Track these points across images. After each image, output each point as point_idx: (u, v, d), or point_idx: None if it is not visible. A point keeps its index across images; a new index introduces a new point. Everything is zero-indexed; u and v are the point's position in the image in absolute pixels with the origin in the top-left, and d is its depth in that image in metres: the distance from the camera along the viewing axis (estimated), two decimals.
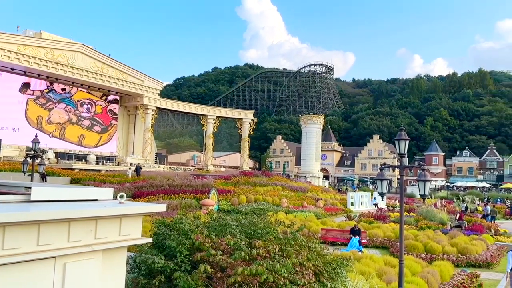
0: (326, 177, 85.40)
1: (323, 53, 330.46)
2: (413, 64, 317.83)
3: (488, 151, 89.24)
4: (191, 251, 6.50)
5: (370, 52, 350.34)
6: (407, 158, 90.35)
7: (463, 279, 12.48)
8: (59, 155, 44.07)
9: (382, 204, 40.20)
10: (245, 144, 60.63)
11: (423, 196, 8.20)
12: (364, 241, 19.05)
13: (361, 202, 40.13)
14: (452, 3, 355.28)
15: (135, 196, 30.06)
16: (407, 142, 8.66)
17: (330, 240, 19.86)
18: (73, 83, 48.67)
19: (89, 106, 51.59)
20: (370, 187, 70.89)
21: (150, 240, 4.14)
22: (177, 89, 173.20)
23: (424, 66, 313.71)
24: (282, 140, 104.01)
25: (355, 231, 18.70)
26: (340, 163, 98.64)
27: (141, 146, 53.68)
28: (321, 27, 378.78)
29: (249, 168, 64.20)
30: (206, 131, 59.36)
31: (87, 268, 3.52)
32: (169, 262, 6.20)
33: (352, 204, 38.49)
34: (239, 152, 68.15)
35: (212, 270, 6.02)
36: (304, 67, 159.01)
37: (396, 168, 8.57)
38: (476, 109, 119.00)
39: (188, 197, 30.59)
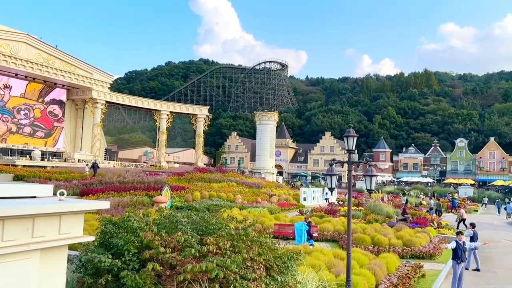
0: (280, 173, 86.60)
1: (277, 50, 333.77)
2: (362, 64, 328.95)
3: (432, 148, 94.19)
4: (139, 249, 6.34)
5: (322, 51, 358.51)
6: (357, 154, 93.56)
7: (407, 270, 13.09)
8: (1, 151, 41.49)
9: (333, 198, 41.34)
10: (200, 140, 60.04)
11: (369, 191, 8.51)
12: (315, 235, 19.48)
13: (313, 197, 41.09)
14: (397, 6, 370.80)
15: (83, 193, 28.92)
16: (355, 138, 8.94)
17: (283, 234, 20.15)
18: (16, 74, 45.91)
19: (26, 111, 48.39)
20: (322, 182, 72.69)
21: (92, 238, 3.98)
22: (128, 83, 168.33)
23: (372, 66, 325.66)
24: (237, 137, 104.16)
25: (306, 225, 19.06)
26: (294, 159, 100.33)
27: (90, 142, 51.68)
28: (275, 25, 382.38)
29: (204, 164, 63.72)
30: (159, 127, 58.16)
31: (23, 269, 3.31)
32: (117, 261, 6.01)
33: (304, 199, 39.30)
34: (194, 148, 67.47)
35: (161, 268, 5.91)
36: (259, 64, 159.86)
37: (345, 163, 8.82)
38: (422, 108, 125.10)
39: (139, 194, 29.89)
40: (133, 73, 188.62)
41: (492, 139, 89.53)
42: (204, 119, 61.17)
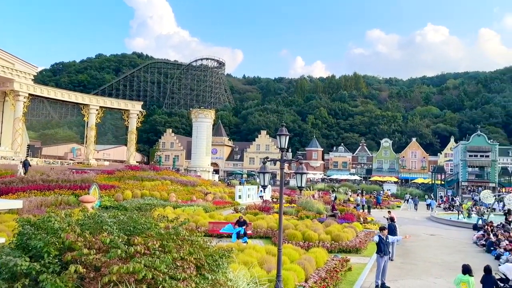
0: (216, 171, 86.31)
1: (213, 48, 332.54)
2: (295, 65, 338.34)
3: (360, 147, 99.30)
4: (61, 251, 5.96)
5: (257, 50, 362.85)
6: (291, 153, 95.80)
7: (335, 264, 13.66)
8: None
9: (268, 196, 42.01)
10: (132, 137, 57.87)
11: (300, 188, 8.74)
12: (249, 232, 19.69)
13: (248, 195, 41.46)
14: (328, 11, 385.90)
15: (2, 192, 26.67)
16: (288, 137, 9.14)
17: (217, 232, 20.11)
18: None
19: None
20: (257, 180, 73.66)
21: (2, 240, 3.64)
22: (55, 75, 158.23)
23: (305, 68, 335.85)
24: (173, 134, 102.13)
25: (240, 223, 19.22)
26: (230, 157, 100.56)
27: (11, 137, 47.72)
28: (211, 22, 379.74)
29: (137, 162, 61.59)
30: (87, 122, 55.14)
31: None
32: (35, 264, 5.60)
33: (239, 197, 39.52)
34: (126, 145, 64.95)
35: (85, 270, 5.60)
36: (196, 61, 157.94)
37: (277, 161, 8.99)
38: (351, 109, 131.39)
39: (65, 193, 28.17)
40: (60, 65, 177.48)
41: (414, 139, 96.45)
42: (138, 115, 59.05)
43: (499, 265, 16.45)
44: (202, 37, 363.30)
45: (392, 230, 17.00)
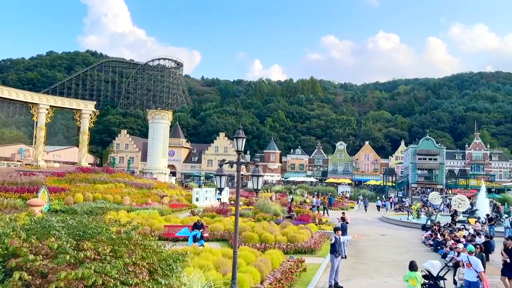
0: (173, 173, 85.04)
1: (170, 48, 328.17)
2: (253, 68, 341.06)
3: (316, 150, 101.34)
4: (5, 258, 5.65)
5: (215, 52, 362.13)
6: (249, 155, 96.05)
7: (290, 265, 13.83)
8: None
9: (225, 198, 41.95)
10: (85, 138, 55.78)
11: (256, 190, 8.80)
12: (206, 235, 19.53)
13: (206, 197, 41.19)
14: (284, 16, 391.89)
15: None
16: (244, 140, 9.18)
17: (173, 236, 19.80)
18: None
19: None
20: (215, 182, 73.23)
21: None
22: (2, 73, 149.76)
23: (263, 71, 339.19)
24: (128, 135, 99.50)
25: (198, 226, 19.04)
26: (188, 159, 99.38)
27: None
28: (168, 22, 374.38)
29: (89, 164, 59.45)
30: (37, 122, 52.61)
31: None
32: None
33: (197, 199, 39.17)
34: (77, 146, 62.55)
35: (31, 277, 5.33)
36: (152, 60, 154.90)
37: (234, 164, 9.00)
38: (308, 113, 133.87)
39: (11, 196, 26.76)
40: (7, 62, 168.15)
41: (367, 143, 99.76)
42: (90, 115, 57.02)
43: (445, 263, 17.37)
44: (159, 36, 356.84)
45: (344, 230, 18.07)
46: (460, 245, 15.70)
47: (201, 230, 18.43)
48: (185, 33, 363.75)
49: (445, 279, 11.56)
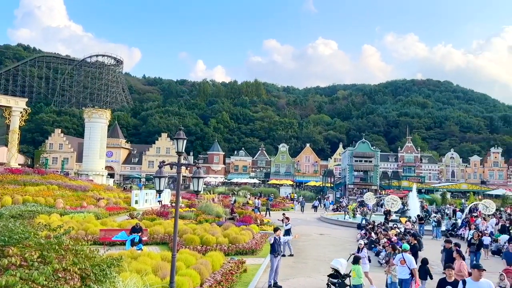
0: (111, 175, 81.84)
1: (108, 45, 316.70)
2: (197, 68, 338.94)
3: (259, 151, 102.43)
4: None
5: (157, 50, 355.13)
6: (192, 156, 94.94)
7: (231, 267, 13.85)
8: None
9: (167, 200, 41.10)
10: (14, 137, 52.03)
11: (197, 192, 8.73)
12: (145, 238, 19.03)
13: (146, 200, 40.07)
14: (227, 17, 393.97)
15: None
16: (185, 141, 9.07)
17: (109, 240, 19.08)
18: None
19: None
20: (155, 184, 71.41)
21: None
22: None
23: (206, 71, 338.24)
24: (62, 134, 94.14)
25: (136, 229, 18.48)
26: (127, 161, 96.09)
27: None
28: (107, 17, 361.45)
29: (19, 164, 55.52)
30: None
31: None
32: None
33: (136, 202, 37.99)
34: (6, 146, 58.21)
35: None
36: (90, 57, 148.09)
37: (175, 165, 8.86)
38: (252, 115, 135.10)
39: None
40: None
41: (308, 145, 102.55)
42: (21, 113, 53.31)
43: (378, 261, 18.28)
44: (96, 32, 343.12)
45: (288, 230, 19.84)
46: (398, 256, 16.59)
47: (139, 234, 17.90)
48: (124, 29, 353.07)
49: (350, 276, 11.96)
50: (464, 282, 7.10)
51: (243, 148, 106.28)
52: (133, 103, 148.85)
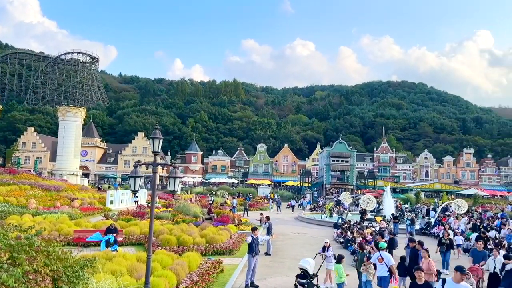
0: (86, 175, 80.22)
1: (83, 42, 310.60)
2: (174, 67, 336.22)
3: (238, 151, 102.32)
4: None
5: (133, 48, 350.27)
6: (170, 156, 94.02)
7: (208, 267, 13.78)
8: None
9: (143, 201, 40.59)
10: None
11: (173, 192, 8.65)
12: (120, 239, 18.74)
13: (122, 200, 39.48)
14: (205, 17, 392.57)
15: None
16: (161, 140, 8.98)
17: (83, 241, 18.72)
18: None
19: None
20: (130, 184, 70.33)
21: None
22: None
23: (184, 70, 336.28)
24: (35, 133, 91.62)
25: (111, 230, 18.18)
26: (103, 160, 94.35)
27: None
28: (82, 14, 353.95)
29: None
30: None
31: None
32: None
33: (111, 202, 37.39)
34: None
35: None
36: (65, 54, 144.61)
37: (150, 165, 8.76)
38: (230, 114, 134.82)
39: None
40: None
41: (286, 145, 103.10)
42: None
43: (354, 259, 18.53)
44: (71, 29, 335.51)
45: (269, 228, 20.57)
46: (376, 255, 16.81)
47: (114, 235, 17.62)
48: (100, 27, 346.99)
49: (317, 275, 12.00)
50: (443, 281, 7.11)
51: (221, 148, 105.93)
52: (109, 101, 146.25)
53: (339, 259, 12.16)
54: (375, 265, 11.98)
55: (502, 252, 13.69)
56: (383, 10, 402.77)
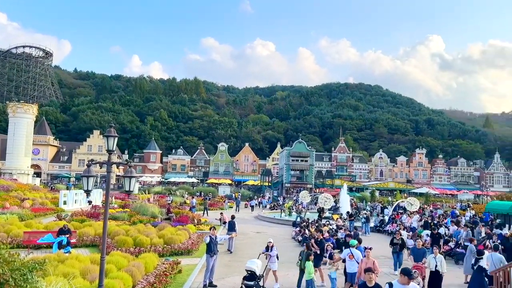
0: (38, 174, 76.76)
1: (35, 35, 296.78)
2: (132, 63, 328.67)
3: (198, 150, 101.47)
4: None
5: (87, 43, 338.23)
6: (127, 155, 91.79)
7: (165, 268, 13.60)
8: None
9: (99, 201, 39.39)
10: None
11: (129, 192, 8.47)
12: (73, 240, 18.10)
13: (76, 200, 38.14)
14: (163, 14, 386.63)
15: None
16: (116, 138, 8.75)
17: (34, 243, 17.93)
18: None
19: None
20: (83, 184, 68.02)
21: None
22: None
23: (142, 67, 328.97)
24: None
25: (64, 231, 17.52)
26: (56, 159, 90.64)
27: None
28: (34, 7, 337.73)
29: None
30: None
31: None
32: None
33: (65, 202, 36.05)
34: None
35: None
36: (16, 47, 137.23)
37: (104, 164, 8.52)
38: (191, 113, 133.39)
39: None
40: None
41: (247, 144, 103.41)
42: None
43: (299, 258, 18.89)
44: (23, 22, 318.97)
45: (232, 227, 20.84)
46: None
47: (67, 236, 17.00)
48: (53, 20, 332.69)
49: (263, 276, 12.08)
50: (390, 285, 6.94)
51: (181, 146, 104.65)
52: (63, 98, 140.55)
53: (307, 256, 12.27)
54: (344, 260, 12.48)
55: (487, 252, 13.70)
56: (340, 14, 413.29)
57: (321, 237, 16.59)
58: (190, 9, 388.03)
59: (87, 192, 8.43)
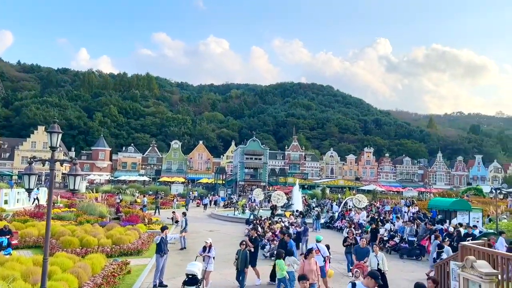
0: None
1: None
2: (79, 56, 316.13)
3: (150, 148, 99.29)
4: None
5: (31, 35, 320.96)
6: (74, 152, 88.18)
7: (113, 269, 13.21)
8: None
9: (43, 200, 37.53)
10: None
11: (73, 191, 8.13)
12: (14, 242, 17.17)
13: (18, 200, 36.12)
14: (112, 6, 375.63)
15: None
16: (60, 135, 8.37)
17: None
18: None
19: None
20: (24, 182, 64.52)
21: None
22: None
23: (90, 61, 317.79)
24: None
25: (4, 232, 16.56)
26: None
27: None
28: None
29: None
30: None
31: None
32: None
33: (6, 202, 34.03)
34: None
35: None
36: None
37: (47, 162, 8.12)
38: (143, 110, 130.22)
39: None
40: None
41: (201, 142, 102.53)
42: None
43: (263, 254, 19.08)
44: None
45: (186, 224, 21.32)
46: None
47: (8, 237, 16.08)
48: None
49: (204, 279, 11.79)
50: (353, 285, 6.77)
51: (132, 144, 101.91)
52: (5, 91, 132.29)
53: (279, 254, 11.84)
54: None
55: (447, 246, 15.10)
56: (293, 15, 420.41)
57: (255, 235, 16.61)
58: (140, 2, 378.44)
59: (29, 191, 8.00)
